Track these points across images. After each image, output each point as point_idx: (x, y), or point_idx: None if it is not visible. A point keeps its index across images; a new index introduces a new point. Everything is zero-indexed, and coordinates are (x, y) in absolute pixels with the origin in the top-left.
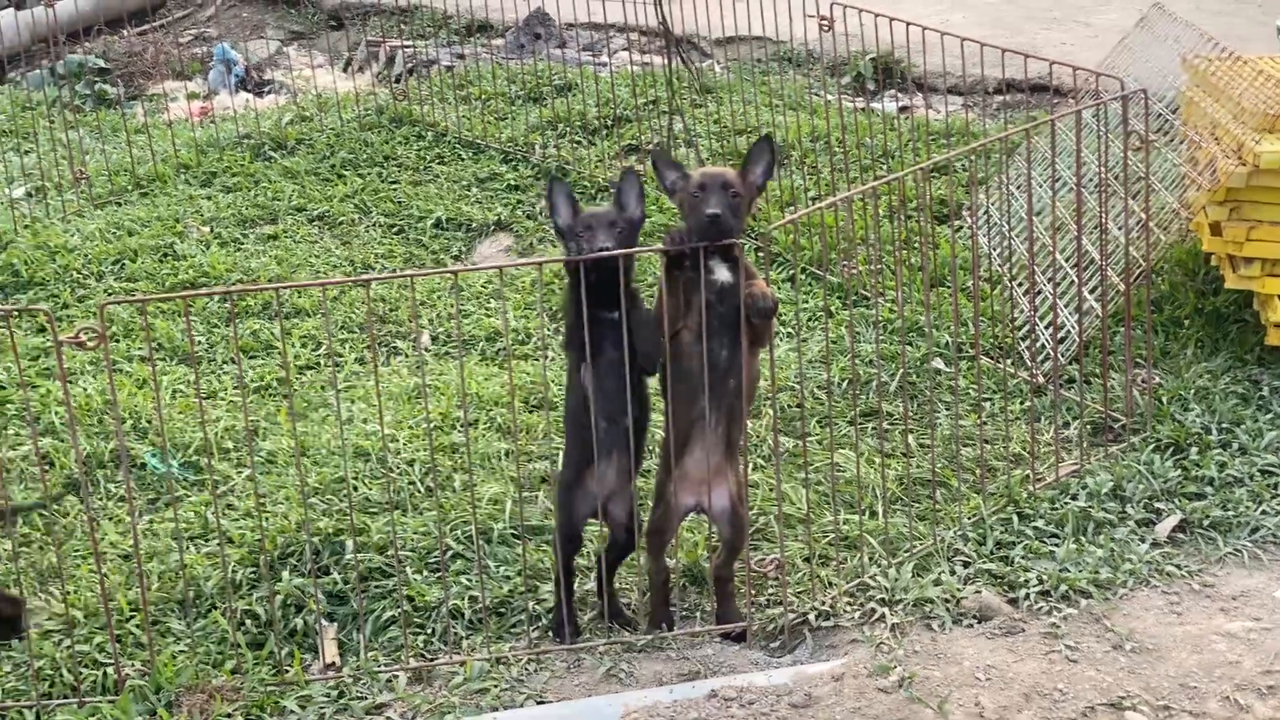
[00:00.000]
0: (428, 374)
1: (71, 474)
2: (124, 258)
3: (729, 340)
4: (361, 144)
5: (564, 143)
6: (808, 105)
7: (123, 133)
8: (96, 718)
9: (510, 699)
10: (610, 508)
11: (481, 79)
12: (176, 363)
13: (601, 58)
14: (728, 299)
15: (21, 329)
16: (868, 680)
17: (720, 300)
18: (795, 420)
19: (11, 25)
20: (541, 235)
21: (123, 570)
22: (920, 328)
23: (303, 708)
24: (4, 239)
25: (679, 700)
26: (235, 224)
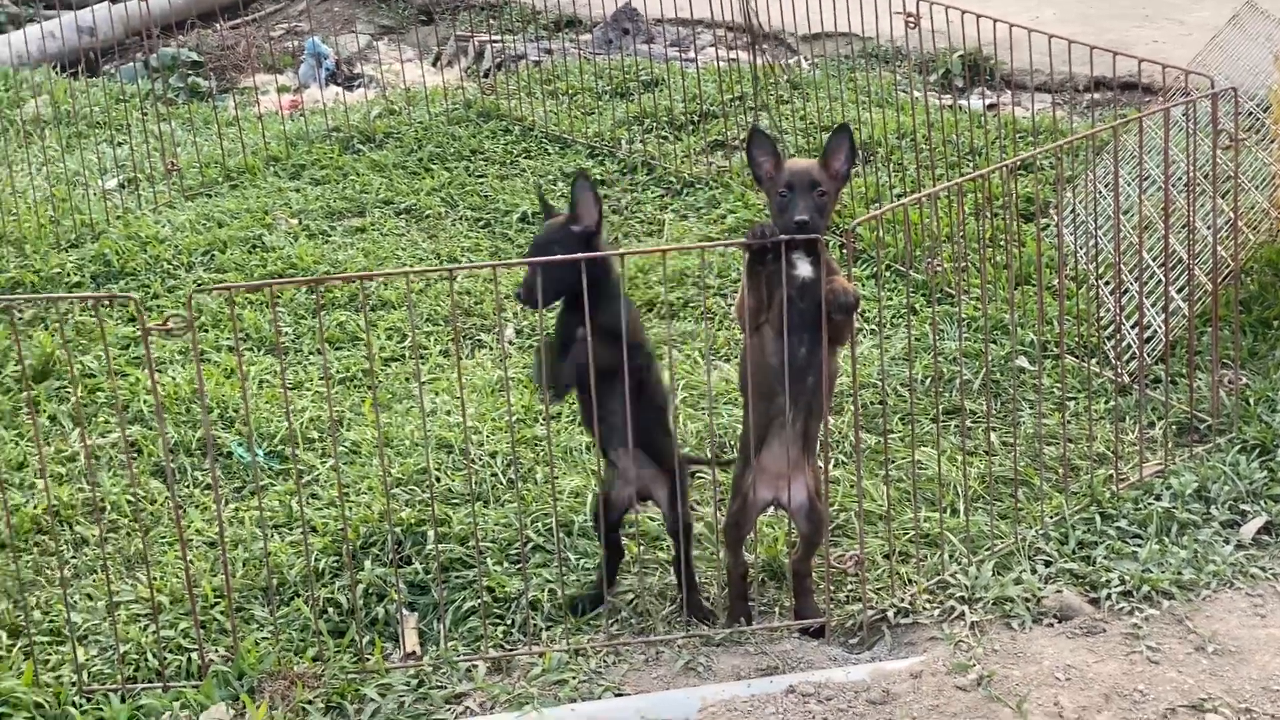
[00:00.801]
0: (510, 367)
1: (159, 462)
2: (213, 249)
3: (809, 336)
4: (449, 138)
5: (650, 138)
6: (895, 102)
7: (214, 125)
8: (180, 702)
9: (588, 691)
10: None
11: (569, 74)
12: (263, 353)
13: (689, 53)
14: (809, 294)
15: (112, 318)
16: (946, 678)
17: (801, 296)
18: (877, 417)
19: (106, 18)
20: (627, 230)
21: (207, 557)
22: (1004, 326)
23: (383, 695)
24: (96, 229)
25: (756, 695)
26: (323, 216)
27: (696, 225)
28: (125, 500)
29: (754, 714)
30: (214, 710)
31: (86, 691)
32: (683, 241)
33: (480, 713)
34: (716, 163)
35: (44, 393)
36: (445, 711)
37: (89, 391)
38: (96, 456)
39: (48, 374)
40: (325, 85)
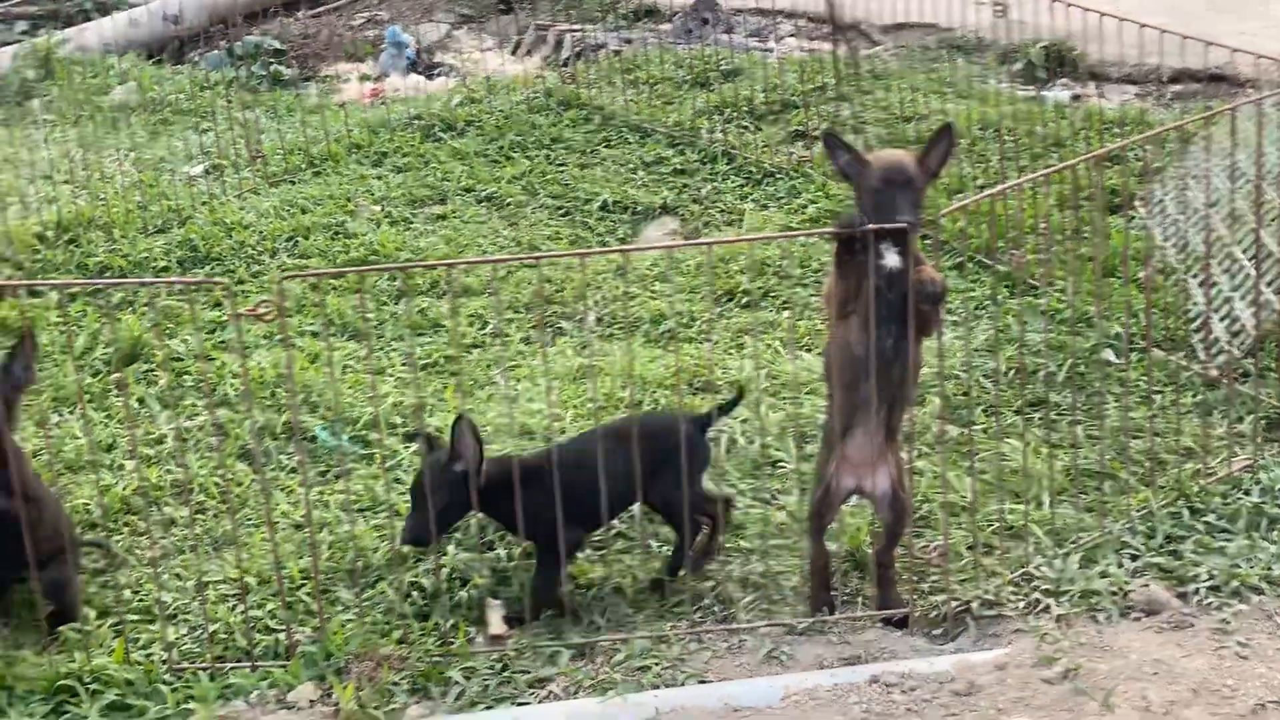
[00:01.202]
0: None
1: (245, 445)
2: (297, 235)
3: (896, 327)
4: (530, 126)
5: (730, 127)
6: (977, 93)
7: (297, 113)
8: (268, 681)
9: (671, 677)
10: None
11: (649, 63)
12: (346, 338)
13: (768, 43)
14: (897, 285)
15: (197, 303)
16: (1032, 670)
17: (889, 286)
18: (960, 408)
19: (191, 6)
20: (706, 220)
21: (293, 539)
22: (1089, 318)
23: (467, 678)
24: (182, 215)
25: (840, 684)
26: (405, 203)
27: (776, 215)
28: (213, 482)
29: (837, 703)
30: (301, 690)
31: (176, 669)
32: (763, 231)
33: (564, 697)
34: (797, 153)
35: (132, 376)
36: (529, 695)
37: (176, 375)
38: (184, 439)
39: (135, 357)
40: (406, 74)
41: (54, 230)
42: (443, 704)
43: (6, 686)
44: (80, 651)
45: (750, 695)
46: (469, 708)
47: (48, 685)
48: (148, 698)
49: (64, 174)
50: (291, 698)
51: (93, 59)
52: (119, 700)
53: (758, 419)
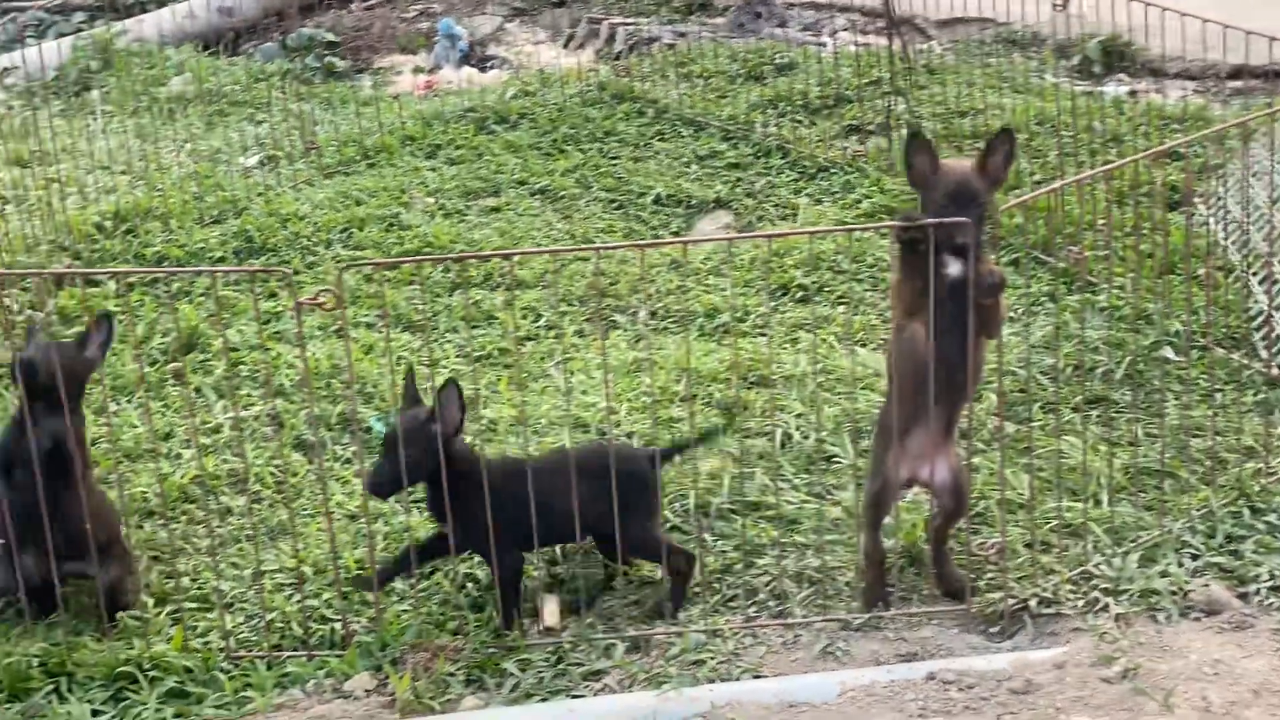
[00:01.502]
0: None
1: (300, 435)
2: (351, 226)
3: (960, 333)
4: (583, 119)
5: (784, 122)
6: (1033, 88)
7: (351, 105)
8: (325, 670)
9: (726, 672)
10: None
11: (703, 57)
12: (400, 330)
13: (822, 37)
14: (960, 293)
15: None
16: (1090, 670)
17: (952, 295)
18: (1017, 405)
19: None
20: (760, 214)
21: (348, 530)
22: (1149, 315)
23: (522, 670)
24: (238, 206)
25: (896, 681)
26: (459, 196)
27: (831, 210)
28: (269, 472)
29: (893, 700)
30: (358, 679)
31: (234, 657)
32: (817, 226)
33: (618, 690)
34: (851, 147)
35: (189, 365)
36: (584, 688)
37: (232, 365)
38: (240, 429)
39: (192, 347)
40: (459, 66)
41: (112, 220)
42: (498, 695)
43: (66, 673)
44: (139, 639)
45: (806, 690)
46: (524, 700)
47: (107, 672)
48: (206, 685)
49: (122, 164)
50: (348, 687)
51: (150, 50)
52: (177, 687)
53: (813, 414)
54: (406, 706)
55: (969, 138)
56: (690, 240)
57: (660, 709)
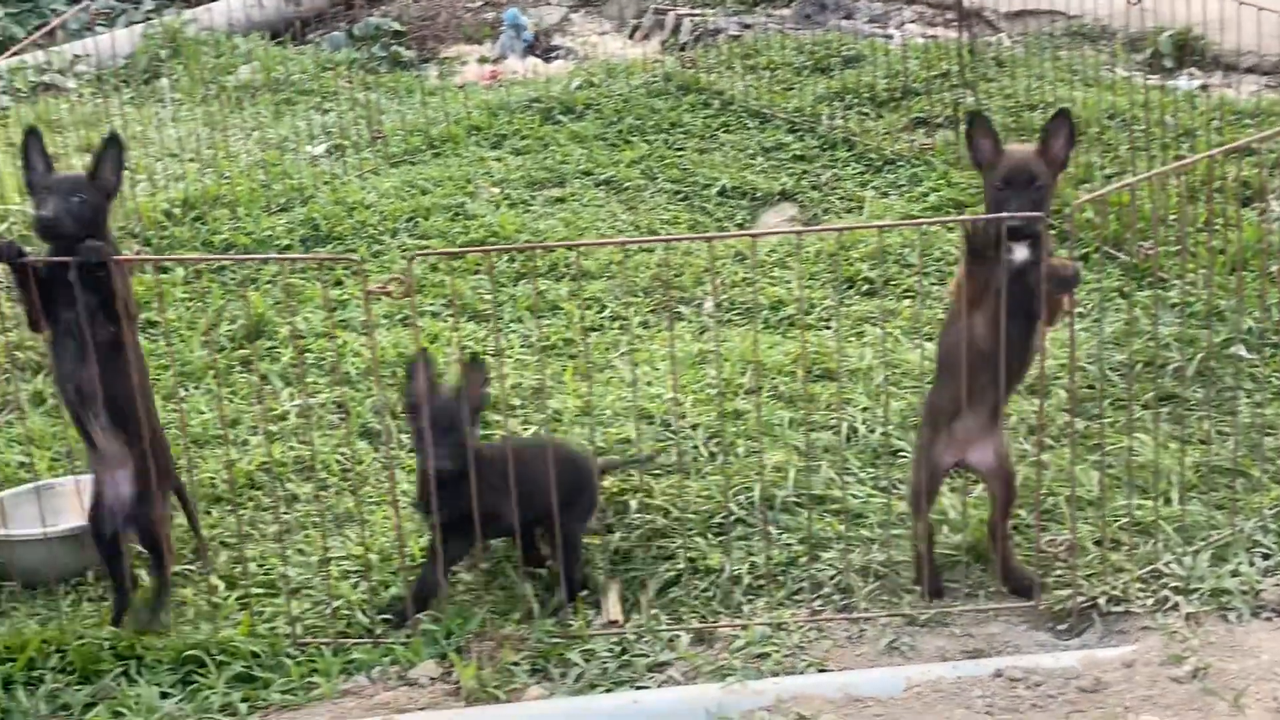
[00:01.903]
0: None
1: (366, 423)
2: (417, 215)
3: (1023, 320)
4: (649, 110)
5: (851, 114)
6: (1103, 82)
7: (417, 94)
8: (390, 657)
9: (791, 665)
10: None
11: (769, 48)
12: (466, 319)
13: (889, 29)
14: (1025, 279)
15: (318, 281)
16: (1160, 669)
17: (1017, 280)
18: (1089, 401)
19: None
20: (826, 207)
21: (413, 518)
22: (1221, 312)
23: (586, 661)
24: (305, 194)
25: (963, 677)
26: (524, 186)
27: (897, 203)
28: (334, 459)
29: (960, 696)
30: (423, 667)
31: (300, 643)
32: (883, 219)
33: (683, 682)
34: (919, 140)
35: (256, 352)
36: (648, 679)
37: (298, 353)
38: (306, 416)
39: (259, 334)
40: (524, 56)
41: (180, 207)
42: (562, 685)
43: (136, 656)
44: (207, 623)
45: (872, 685)
46: (588, 690)
47: (175, 655)
48: (272, 670)
49: (190, 152)
50: (413, 674)
51: (218, 39)
52: (245, 672)
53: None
54: (471, 694)
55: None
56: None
57: (725, 701)
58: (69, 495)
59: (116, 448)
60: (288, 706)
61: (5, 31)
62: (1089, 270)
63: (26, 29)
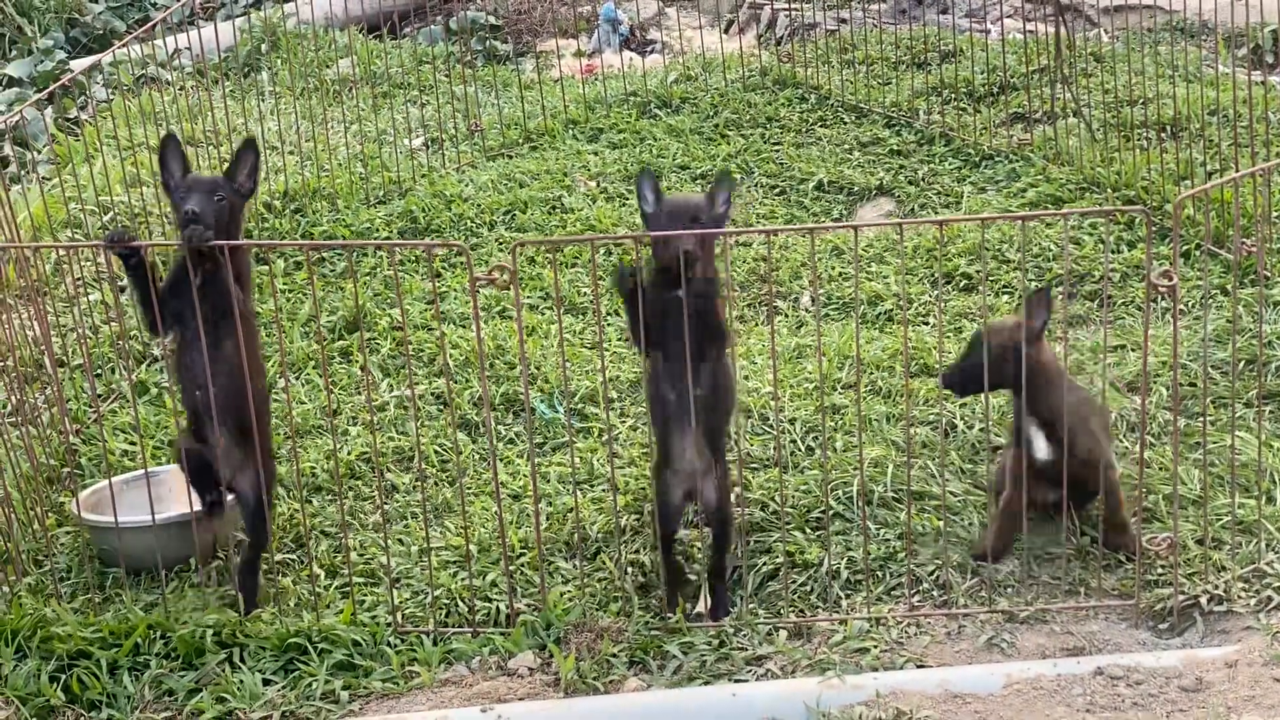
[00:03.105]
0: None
1: (464, 414)
2: (514, 209)
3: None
4: (745, 104)
5: (948, 109)
6: (1204, 77)
7: (514, 88)
8: (489, 648)
9: (890, 660)
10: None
11: (865, 43)
12: (564, 312)
13: (985, 24)
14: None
15: (417, 273)
16: (1263, 669)
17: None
18: (1190, 399)
19: None
20: (923, 201)
21: (512, 509)
22: None
23: (685, 653)
24: (403, 186)
25: (1063, 675)
26: (621, 179)
27: (995, 198)
28: (434, 450)
29: (1060, 694)
30: (522, 657)
31: (401, 632)
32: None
33: (781, 676)
34: (1017, 135)
35: (356, 343)
36: (746, 672)
37: (396, 344)
38: (405, 407)
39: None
40: (619, 51)
41: (280, 200)
42: (660, 677)
43: (239, 643)
44: (310, 611)
45: (971, 681)
46: (686, 682)
47: (278, 643)
48: (373, 659)
49: (290, 145)
50: (512, 665)
51: (316, 32)
52: (346, 660)
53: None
54: (570, 685)
55: (1138, 127)
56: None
57: (823, 696)
58: (174, 482)
59: (236, 456)
60: (388, 694)
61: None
62: (1190, 269)
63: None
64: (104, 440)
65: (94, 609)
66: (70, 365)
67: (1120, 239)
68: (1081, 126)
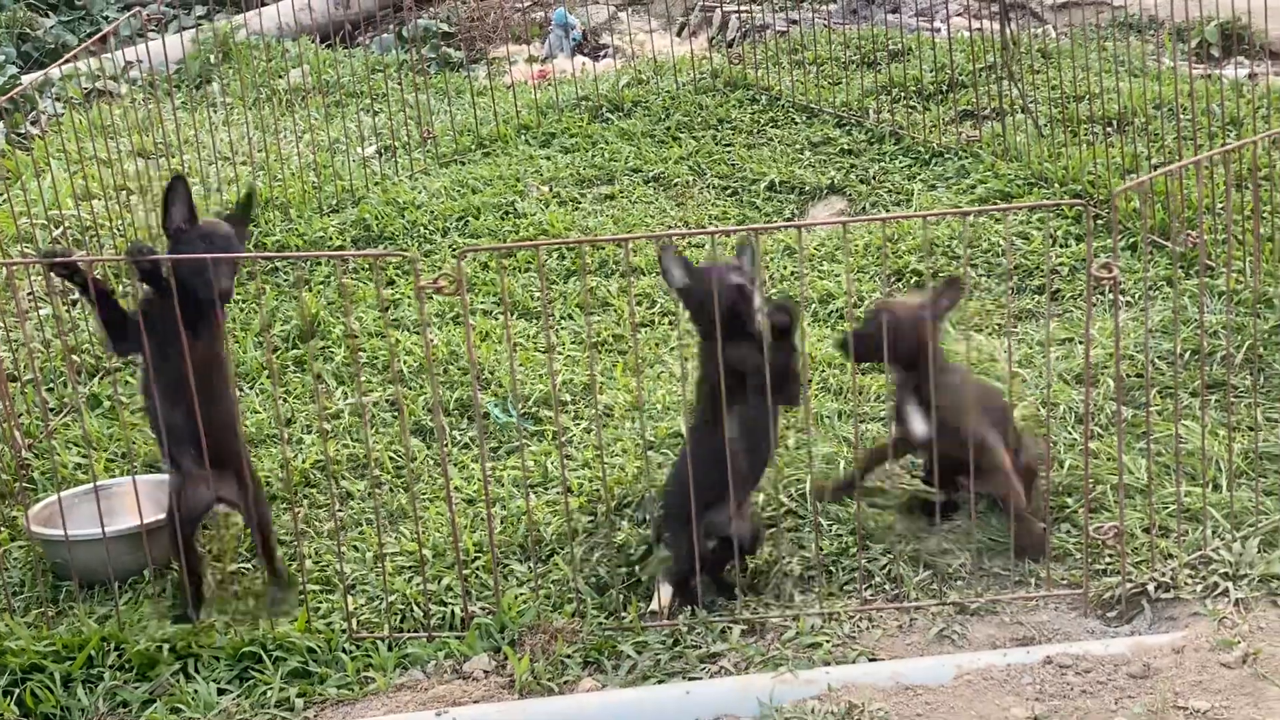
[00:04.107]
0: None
1: (418, 421)
2: (467, 215)
3: None
4: (696, 107)
5: (898, 107)
6: (1150, 71)
7: (466, 94)
8: (444, 652)
9: (842, 655)
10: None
11: (816, 43)
12: (516, 317)
13: (935, 22)
14: None
15: (371, 281)
16: (1210, 654)
17: None
18: (1136, 390)
19: None
20: (874, 200)
21: (466, 514)
22: (1269, 299)
23: (639, 652)
24: (356, 195)
25: (1013, 664)
26: (573, 184)
27: (945, 195)
28: (388, 457)
29: (1010, 683)
30: (477, 660)
31: (356, 639)
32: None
33: (735, 672)
34: (966, 132)
35: (310, 352)
36: (700, 670)
37: (350, 352)
38: (360, 414)
39: (313, 334)
40: (572, 55)
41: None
42: (615, 677)
43: (193, 653)
44: (264, 619)
45: (922, 673)
46: (641, 681)
47: (232, 652)
48: (328, 665)
49: (242, 155)
50: (467, 668)
51: (268, 43)
52: (301, 667)
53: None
54: (525, 687)
55: (1085, 122)
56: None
57: (776, 691)
58: (126, 495)
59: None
60: (343, 701)
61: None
62: (1136, 260)
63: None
64: (55, 454)
65: (47, 622)
66: (21, 380)
67: (1068, 233)
68: (1029, 122)
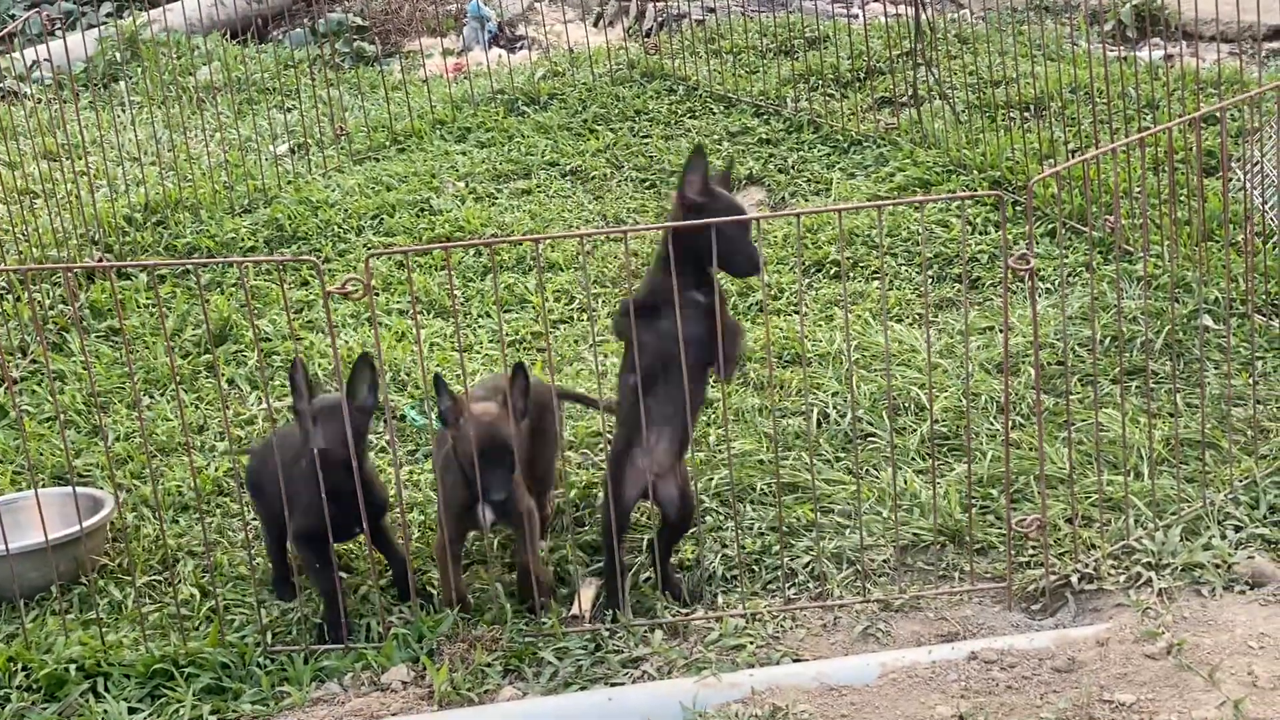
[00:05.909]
0: None
1: None
2: (382, 213)
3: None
4: (613, 99)
5: (816, 96)
6: (1066, 55)
7: (380, 90)
8: (362, 663)
9: (766, 656)
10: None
11: (733, 32)
12: (433, 316)
13: (852, 9)
14: None
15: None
16: (1134, 646)
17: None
18: (1056, 378)
19: None
20: (794, 189)
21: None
22: (1187, 284)
23: (560, 659)
24: (269, 194)
25: (938, 661)
26: (489, 179)
27: (864, 184)
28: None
29: (935, 680)
30: (395, 671)
31: (270, 652)
32: (851, 200)
33: (658, 677)
34: (884, 120)
35: (223, 356)
36: (623, 675)
37: (265, 355)
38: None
39: (224, 338)
40: (488, 48)
41: (142, 212)
42: (536, 685)
43: (103, 672)
44: (175, 634)
45: (847, 673)
46: (563, 688)
47: (143, 670)
48: (243, 680)
49: (151, 156)
50: (385, 679)
51: (178, 40)
52: (214, 683)
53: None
54: (445, 698)
55: (1002, 107)
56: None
57: (700, 695)
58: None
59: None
60: (258, 716)
61: None
62: (1055, 246)
63: None
64: None
65: None
66: None
67: (987, 220)
68: (946, 109)
